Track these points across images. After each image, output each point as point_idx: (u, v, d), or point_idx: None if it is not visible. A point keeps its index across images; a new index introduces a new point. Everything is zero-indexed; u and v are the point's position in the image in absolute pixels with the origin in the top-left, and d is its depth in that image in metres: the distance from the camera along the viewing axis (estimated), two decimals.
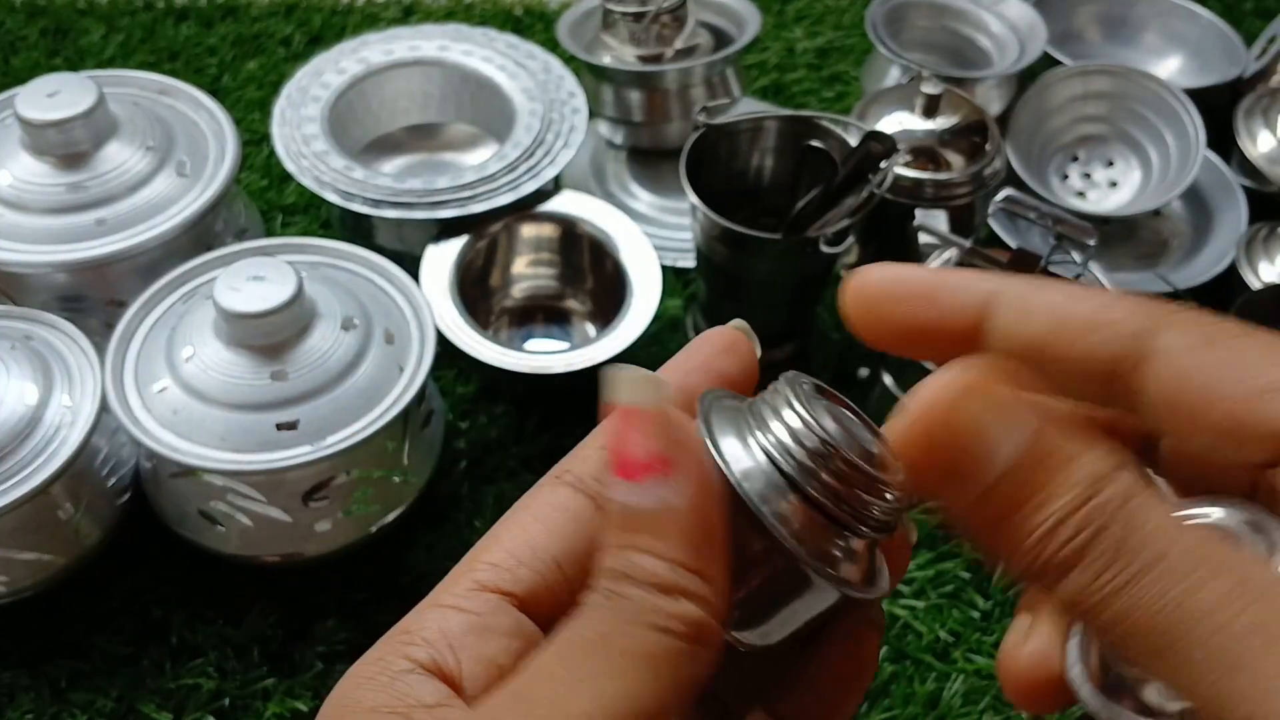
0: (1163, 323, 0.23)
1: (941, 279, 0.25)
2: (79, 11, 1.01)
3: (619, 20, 0.83)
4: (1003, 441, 0.21)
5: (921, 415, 0.22)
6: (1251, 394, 0.22)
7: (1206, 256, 0.83)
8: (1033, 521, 0.21)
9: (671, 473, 0.22)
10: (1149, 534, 0.20)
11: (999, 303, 0.25)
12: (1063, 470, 0.21)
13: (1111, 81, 0.87)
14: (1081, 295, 0.24)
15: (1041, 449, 0.21)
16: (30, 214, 0.66)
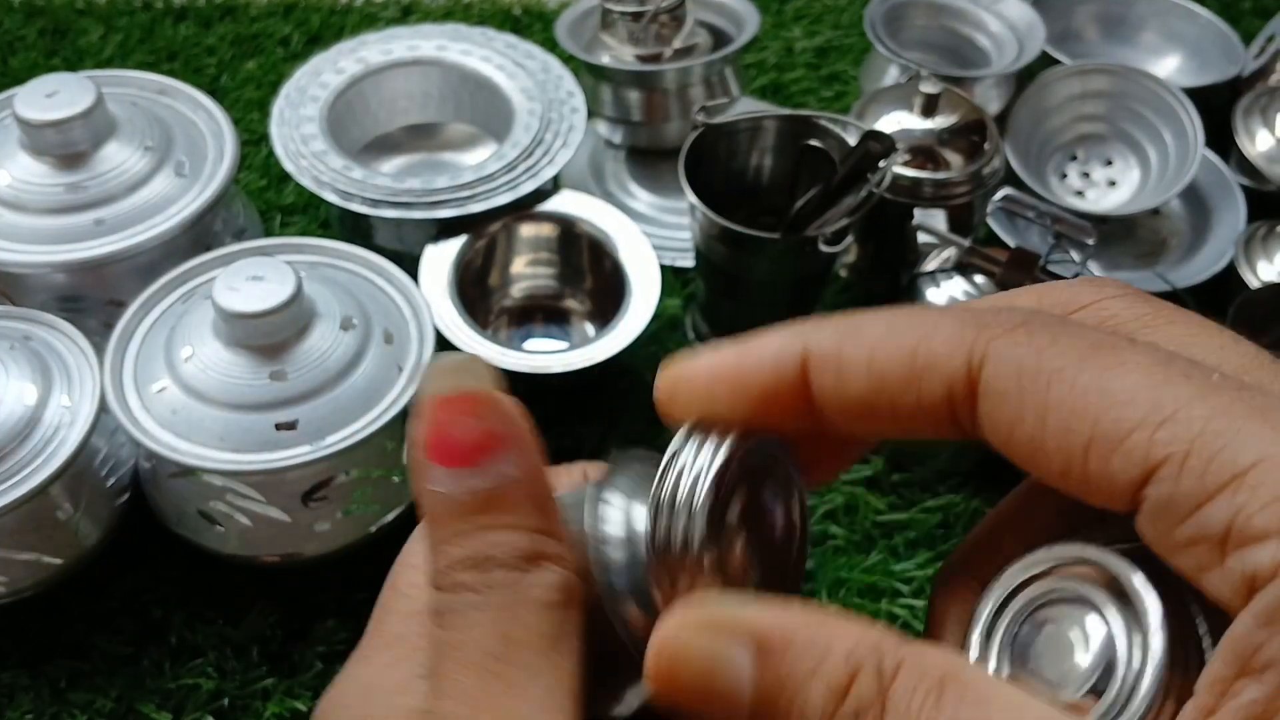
0: (988, 353, 0.21)
1: (742, 355, 0.24)
2: (77, 11, 1.01)
3: (617, 20, 0.83)
4: (737, 677, 0.20)
5: (657, 675, 0.21)
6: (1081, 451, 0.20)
7: (1205, 255, 0.83)
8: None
9: (506, 447, 0.22)
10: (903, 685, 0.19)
11: (813, 367, 0.23)
12: (801, 691, 0.20)
13: (1110, 81, 0.87)
14: (896, 330, 0.22)
15: (775, 676, 0.20)
16: (29, 214, 0.66)
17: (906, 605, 0.64)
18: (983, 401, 0.21)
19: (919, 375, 0.21)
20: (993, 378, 0.20)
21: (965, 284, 0.67)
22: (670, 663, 0.21)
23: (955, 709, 0.19)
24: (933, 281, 0.68)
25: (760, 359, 0.23)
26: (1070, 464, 0.20)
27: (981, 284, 0.67)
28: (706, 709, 0.21)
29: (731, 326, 0.76)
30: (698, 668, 0.20)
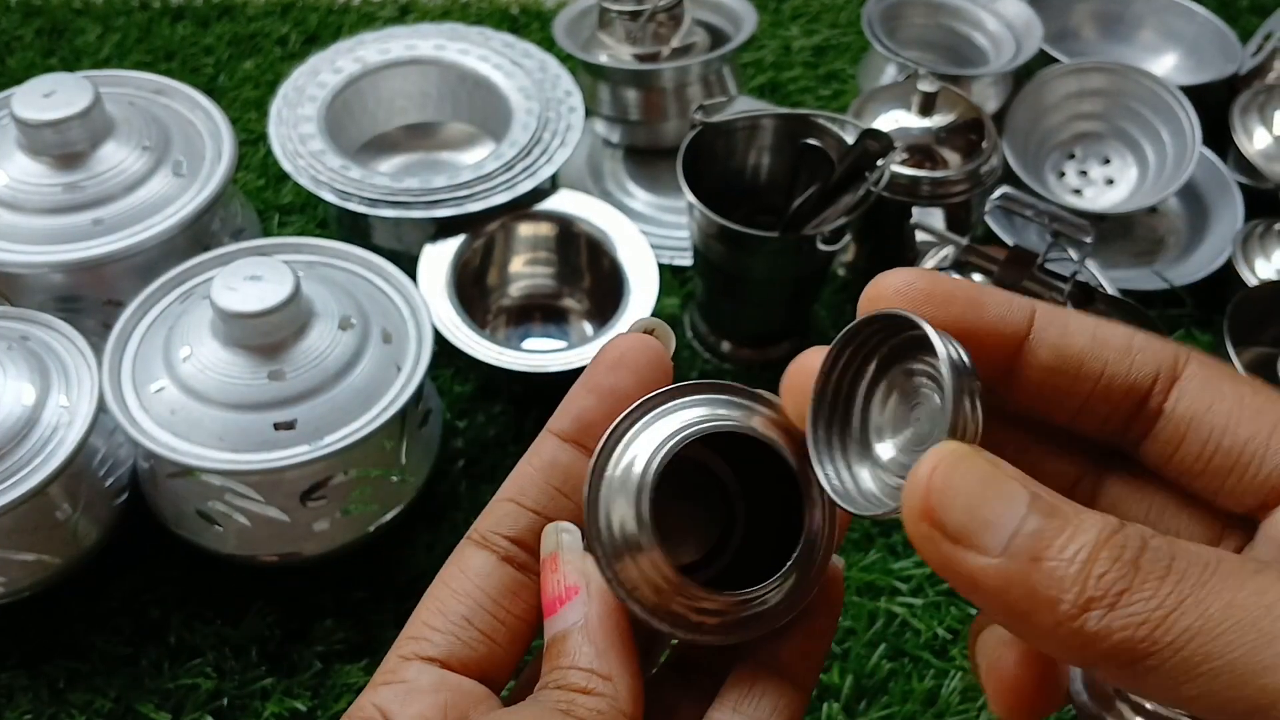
0: (1188, 355, 0.26)
1: (985, 290, 0.27)
2: (75, 11, 1.01)
3: (615, 19, 0.83)
4: (1011, 495, 0.21)
5: (928, 478, 0.22)
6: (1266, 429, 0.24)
7: (1203, 253, 0.83)
8: (1065, 557, 0.21)
9: (577, 597, 0.27)
10: (1191, 551, 0.20)
11: (1041, 320, 0.26)
12: (1075, 518, 0.21)
13: (1108, 79, 0.88)
14: (1112, 323, 0.26)
15: (1047, 504, 0.21)
16: (27, 214, 0.66)
17: (905, 604, 0.64)
18: (1188, 382, 0.25)
19: (1135, 353, 0.26)
20: (1200, 370, 0.25)
21: None
22: (946, 472, 0.22)
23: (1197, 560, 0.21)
24: None
25: (996, 299, 0.26)
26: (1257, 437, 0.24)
27: (979, 282, 0.67)
28: (966, 525, 0.21)
29: (730, 325, 0.77)
30: (975, 478, 0.22)
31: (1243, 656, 0.19)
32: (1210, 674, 0.19)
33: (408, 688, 0.27)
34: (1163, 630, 0.20)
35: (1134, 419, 0.26)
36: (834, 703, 0.60)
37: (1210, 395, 0.25)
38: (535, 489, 0.29)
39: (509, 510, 0.29)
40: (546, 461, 0.29)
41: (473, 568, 0.28)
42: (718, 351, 0.77)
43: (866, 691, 0.61)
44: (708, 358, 0.77)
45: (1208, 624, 0.20)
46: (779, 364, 0.83)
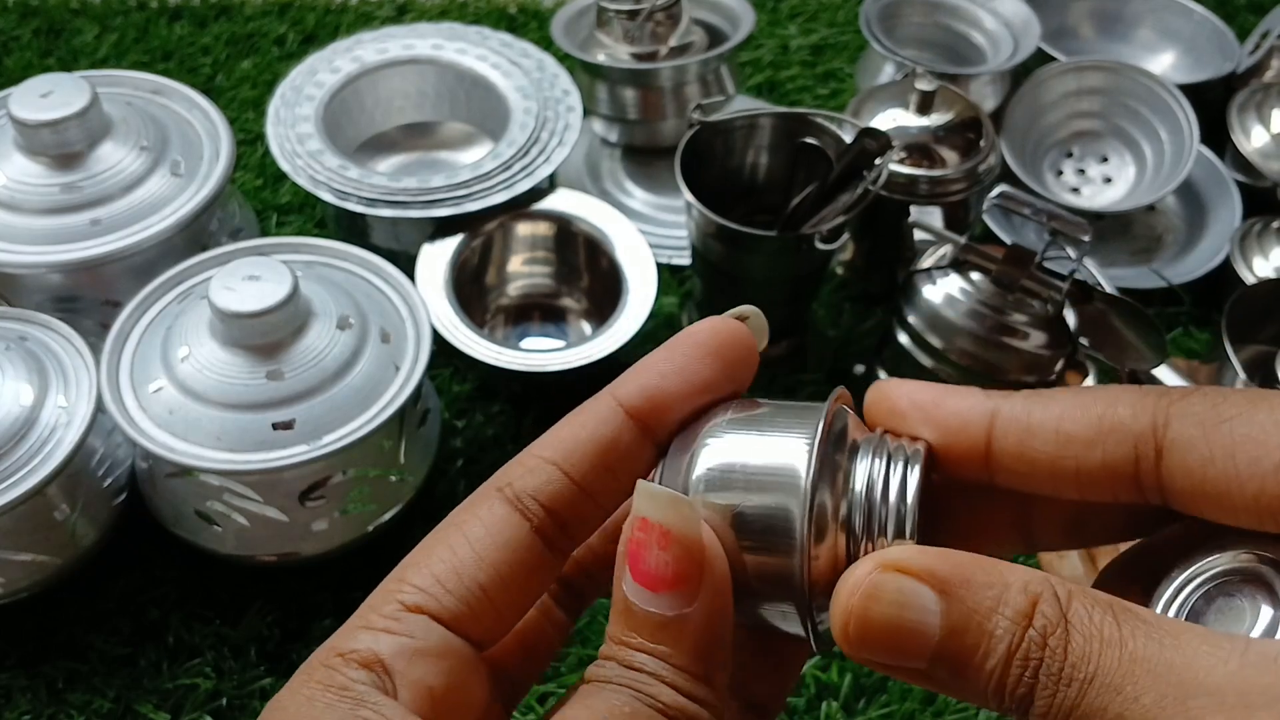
0: (1170, 414, 0.24)
1: (940, 401, 0.26)
2: (72, 11, 1.00)
3: (613, 18, 0.82)
4: (922, 622, 0.22)
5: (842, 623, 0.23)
6: (1272, 470, 0.23)
7: (1201, 252, 0.83)
8: (981, 675, 0.22)
9: (688, 589, 0.23)
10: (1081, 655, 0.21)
11: (999, 425, 0.25)
12: (988, 621, 0.22)
13: (1105, 77, 0.88)
14: (1081, 403, 0.25)
15: (958, 618, 0.22)
16: (24, 214, 0.66)
17: None
18: (1170, 454, 0.23)
19: (1105, 436, 0.24)
20: (1179, 432, 0.23)
21: (961, 281, 0.67)
22: (864, 602, 0.23)
23: (1131, 625, 0.21)
24: (929, 279, 0.68)
25: (948, 411, 0.26)
26: (1264, 487, 0.22)
27: (978, 281, 0.67)
28: (891, 653, 0.23)
29: None
30: (888, 608, 0.22)
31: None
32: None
33: (413, 644, 0.24)
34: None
35: (1137, 490, 0.25)
36: (833, 701, 0.60)
37: (1205, 451, 0.23)
38: (586, 461, 0.25)
39: (552, 476, 0.25)
40: (606, 435, 0.25)
41: (501, 530, 0.25)
42: None
43: (865, 690, 0.61)
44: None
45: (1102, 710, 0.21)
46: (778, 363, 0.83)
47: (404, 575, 0.25)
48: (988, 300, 0.67)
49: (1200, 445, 0.23)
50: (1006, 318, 0.66)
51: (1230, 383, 0.71)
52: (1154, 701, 0.21)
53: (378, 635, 0.24)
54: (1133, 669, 0.21)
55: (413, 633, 0.24)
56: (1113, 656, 0.21)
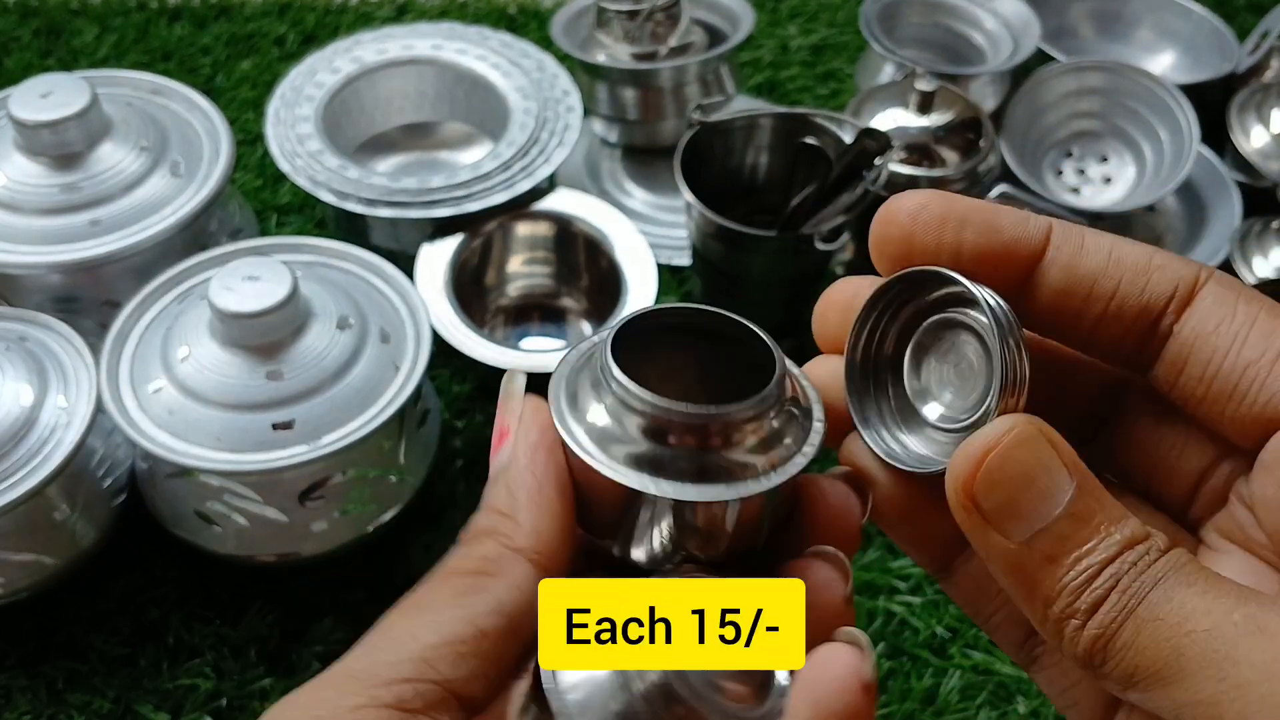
0: (1210, 274, 0.25)
1: (1000, 211, 0.26)
2: (72, 12, 1.00)
3: (613, 18, 0.82)
4: (1052, 492, 0.23)
5: (980, 456, 0.23)
6: (1272, 354, 0.23)
7: (1200, 252, 0.83)
8: (1074, 569, 0.23)
9: (508, 437, 0.26)
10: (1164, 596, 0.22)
11: (1057, 238, 0.26)
12: (1102, 529, 0.23)
13: (1105, 77, 0.88)
14: (1130, 243, 0.26)
15: (1084, 507, 0.23)
16: (24, 215, 0.66)
17: (904, 602, 0.64)
18: (1203, 301, 0.25)
19: (1152, 271, 0.25)
20: (1217, 288, 0.25)
21: None
22: (1013, 445, 0.23)
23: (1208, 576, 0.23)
24: None
25: (1011, 219, 0.26)
26: (1259, 368, 0.24)
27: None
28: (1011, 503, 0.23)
29: None
30: (1031, 461, 0.23)
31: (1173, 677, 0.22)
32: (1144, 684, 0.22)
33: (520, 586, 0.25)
34: (1114, 641, 0.23)
35: (1146, 341, 0.26)
36: None
37: (1220, 315, 0.24)
38: None
39: None
40: None
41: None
42: None
43: None
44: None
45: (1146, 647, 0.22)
46: None
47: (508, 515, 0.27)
48: None
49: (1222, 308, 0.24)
50: None
51: None
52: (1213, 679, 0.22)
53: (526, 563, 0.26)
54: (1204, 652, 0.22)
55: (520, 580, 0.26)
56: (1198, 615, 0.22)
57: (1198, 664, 0.22)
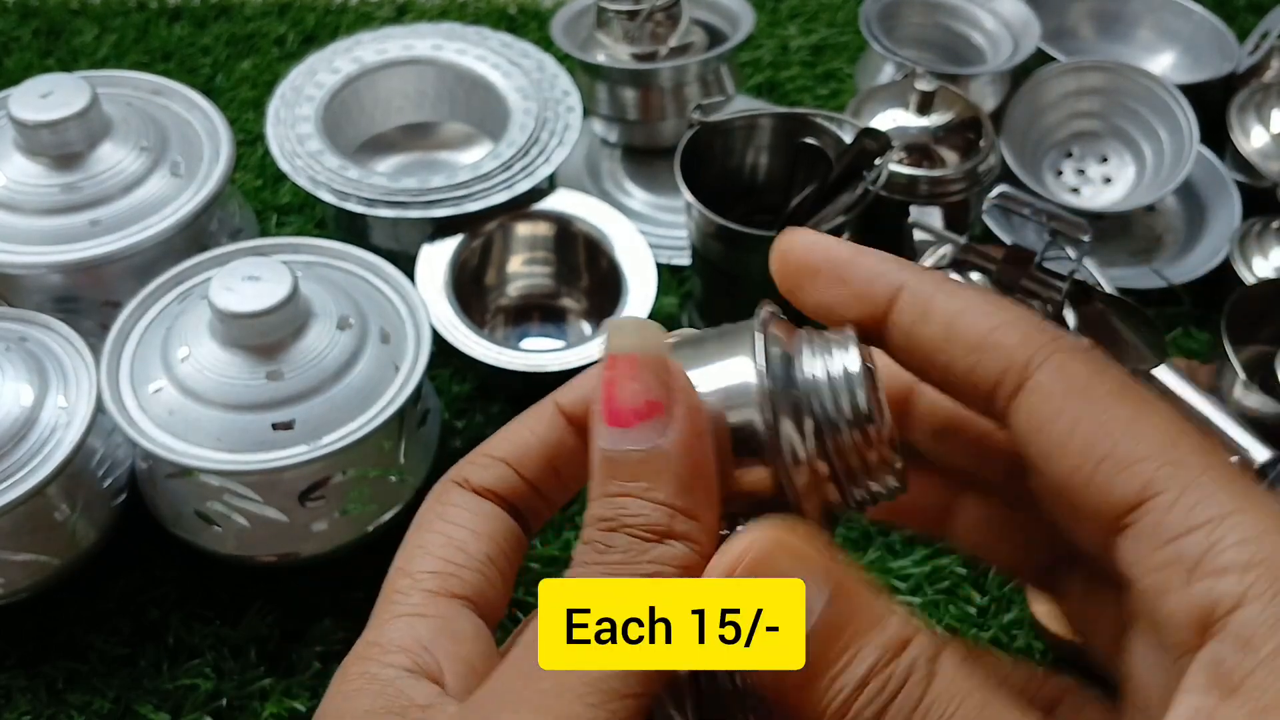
0: (1046, 358, 0.24)
1: (855, 261, 0.26)
2: (71, 12, 1.00)
3: (613, 18, 0.82)
4: (814, 596, 0.22)
5: (728, 571, 0.22)
6: (1096, 460, 0.22)
7: (1200, 252, 0.83)
8: (833, 686, 0.22)
9: (662, 416, 0.22)
10: (936, 702, 0.21)
11: (902, 299, 0.26)
12: (864, 634, 0.22)
13: (1105, 77, 0.88)
14: (982, 308, 0.25)
15: (834, 617, 0.22)
16: (24, 215, 0.66)
17: (904, 602, 0.64)
18: (1028, 395, 0.24)
19: (986, 349, 0.24)
20: (1047, 380, 0.23)
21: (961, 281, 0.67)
22: (751, 568, 0.22)
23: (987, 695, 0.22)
24: None
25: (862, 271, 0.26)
26: (1082, 468, 0.22)
27: (977, 281, 0.67)
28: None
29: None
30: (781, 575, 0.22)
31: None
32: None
33: (447, 626, 0.24)
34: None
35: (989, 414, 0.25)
36: None
37: (1050, 410, 0.23)
38: (533, 460, 0.26)
39: (505, 473, 0.26)
40: (552, 438, 0.26)
41: (480, 510, 0.25)
42: None
43: None
44: None
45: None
46: None
47: (410, 567, 0.25)
48: None
49: (1055, 402, 0.23)
50: None
51: (1230, 383, 0.71)
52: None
53: (412, 621, 0.24)
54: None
55: (445, 615, 0.24)
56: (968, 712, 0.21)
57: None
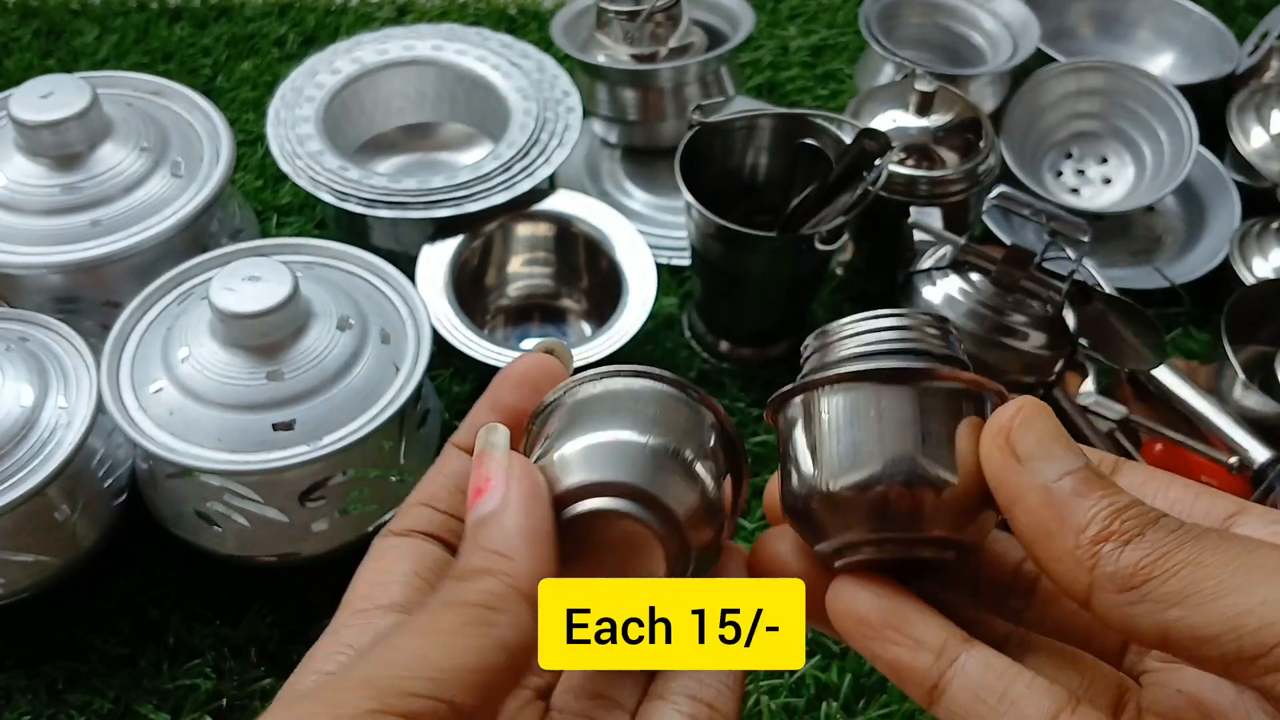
0: None
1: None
2: (72, 13, 1.01)
3: (613, 19, 0.83)
4: (1073, 447, 0.26)
5: (1015, 409, 0.27)
6: None
7: (1200, 252, 0.83)
8: (1101, 502, 0.25)
9: (499, 488, 0.27)
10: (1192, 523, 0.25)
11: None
12: (1115, 483, 0.25)
13: (1105, 78, 0.88)
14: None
15: (1096, 467, 0.26)
16: (25, 215, 0.66)
17: None
18: None
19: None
20: None
21: (961, 282, 0.67)
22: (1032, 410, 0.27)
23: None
24: (928, 279, 0.69)
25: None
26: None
27: (977, 281, 0.67)
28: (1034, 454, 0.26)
29: (728, 324, 0.77)
30: (1051, 423, 0.27)
31: (1231, 588, 0.23)
32: (1195, 600, 0.23)
33: (373, 631, 0.28)
34: (1162, 561, 0.24)
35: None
36: (833, 702, 0.60)
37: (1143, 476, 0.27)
38: (446, 494, 0.31)
39: (423, 512, 0.31)
40: (455, 470, 0.31)
41: (403, 545, 0.30)
42: (716, 351, 0.77)
43: (865, 690, 0.61)
44: (705, 357, 0.77)
45: (1205, 564, 0.24)
46: (777, 363, 0.83)
47: (346, 602, 0.29)
48: (987, 301, 0.67)
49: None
50: (1006, 318, 0.66)
51: (1230, 383, 0.71)
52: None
53: (341, 633, 0.28)
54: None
55: (373, 623, 0.28)
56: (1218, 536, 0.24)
57: (1271, 571, 0.23)
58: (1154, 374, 0.72)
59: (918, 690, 0.27)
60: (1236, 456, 0.68)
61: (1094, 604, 0.25)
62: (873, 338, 0.29)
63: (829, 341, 0.29)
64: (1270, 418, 0.69)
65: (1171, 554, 0.24)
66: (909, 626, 0.28)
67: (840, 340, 0.29)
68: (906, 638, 0.28)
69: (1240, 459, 0.68)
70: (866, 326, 0.29)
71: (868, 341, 0.29)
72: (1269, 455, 0.67)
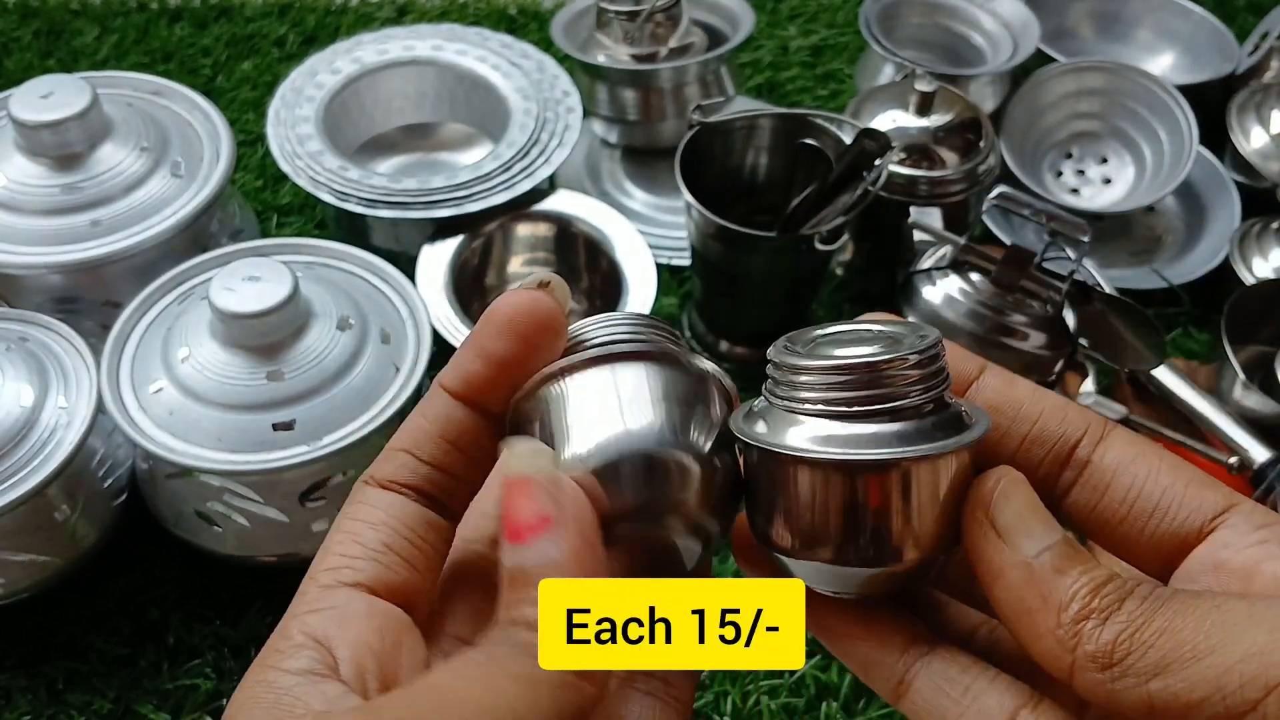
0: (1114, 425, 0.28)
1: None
2: (72, 13, 1.01)
3: (613, 19, 0.83)
4: (1052, 521, 0.26)
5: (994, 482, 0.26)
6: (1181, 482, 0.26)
7: (1200, 252, 0.83)
8: (1080, 578, 0.25)
9: (554, 528, 0.25)
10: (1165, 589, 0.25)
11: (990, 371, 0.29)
12: (1092, 559, 0.25)
13: (1105, 78, 0.88)
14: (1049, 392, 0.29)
15: (1074, 543, 0.26)
16: (25, 215, 0.66)
17: None
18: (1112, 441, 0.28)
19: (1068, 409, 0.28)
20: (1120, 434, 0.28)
21: (961, 282, 0.67)
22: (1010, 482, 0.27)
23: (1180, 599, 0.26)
24: (929, 279, 0.69)
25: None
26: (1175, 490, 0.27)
27: (977, 281, 0.67)
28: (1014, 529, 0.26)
29: (728, 324, 0.77)
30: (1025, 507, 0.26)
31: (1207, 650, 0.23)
32: (1175, 668, 0.23)
33: (339, 613, 0.26)
34: (1139, 634, 0.24)
35: (1065, 466, 0.28)
36: (833, 702, 0.60)
37: (1133, 452, 0.27)
38: (429, 442, 0.28)
39: (405, 461, 0.28)
40: (440, 415, 0.28)
41: (381, 502, 0.28)
42: (716, 351, 0.77)
43: (865, 690, 0.61)
44: (706, 357, 0.77)
45: (1180, 630, 0.24)
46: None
47: (316, 566, 0.27)
48: (987, 301, 0.67)
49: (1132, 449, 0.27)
50: (1006, 318, 0.66)
51: (1230, 383, 0.71)
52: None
53: (304, 618, 0.26)
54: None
55: (335, 604, 0.26)
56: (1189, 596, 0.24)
57: (1242, 625, 0.23)
58: (1154, 374, 0.72)
59: (884, 686, 0.27)
60: (1236, 456, 0.68)
61: (1077, 683, 0.25)
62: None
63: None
64: (1270, 418, 0.69)
65: (1147, 624, 0.24)
66: (876, 624, 0.28)
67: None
68: (873, 635, 0.28)
69: (1240, 459, 0.68)
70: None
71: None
72: (1269, 455, 0.68)
